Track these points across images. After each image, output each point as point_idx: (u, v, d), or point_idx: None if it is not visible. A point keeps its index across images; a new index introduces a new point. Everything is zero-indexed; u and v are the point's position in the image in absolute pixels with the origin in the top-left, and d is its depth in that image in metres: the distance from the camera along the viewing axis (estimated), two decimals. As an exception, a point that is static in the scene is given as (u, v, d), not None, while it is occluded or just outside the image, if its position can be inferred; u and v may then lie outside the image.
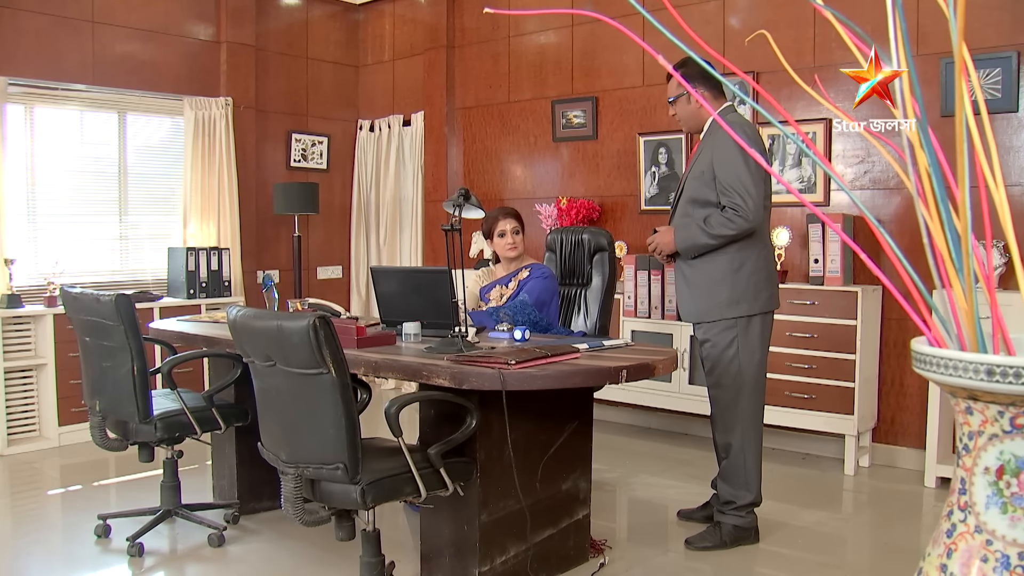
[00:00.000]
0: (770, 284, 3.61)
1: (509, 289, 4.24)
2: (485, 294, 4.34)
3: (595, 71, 6.11)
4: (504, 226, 4.23)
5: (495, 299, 4.26)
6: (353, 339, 3.32)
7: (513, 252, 4.25)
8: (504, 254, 4.27)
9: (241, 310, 2.83)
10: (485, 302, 4.32)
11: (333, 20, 7.46)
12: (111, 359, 3.50)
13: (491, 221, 4.27)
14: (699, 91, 3.58)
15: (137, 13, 6.12)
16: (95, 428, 3.69)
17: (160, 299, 5.94)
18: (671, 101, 3.74)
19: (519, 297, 4.07)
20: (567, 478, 3.38)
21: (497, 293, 4.29)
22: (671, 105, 3.75)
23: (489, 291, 4.31)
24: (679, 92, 3.67)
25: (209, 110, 6.43)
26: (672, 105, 3.75)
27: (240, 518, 3.99)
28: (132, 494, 4.45)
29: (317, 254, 7.37)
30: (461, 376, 2.80)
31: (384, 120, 7.36)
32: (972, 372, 1.44)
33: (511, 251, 4.25)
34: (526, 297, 4.02)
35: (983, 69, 4.43)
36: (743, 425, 3.59)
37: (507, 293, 4.23)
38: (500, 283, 4.30)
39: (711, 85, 3.62)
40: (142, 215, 6.31)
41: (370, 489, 2.66)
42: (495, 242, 4.28)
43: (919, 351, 1.56)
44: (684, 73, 3.52)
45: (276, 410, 2.80)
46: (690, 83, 3.53)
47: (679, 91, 3.67)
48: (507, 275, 4.29)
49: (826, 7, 1.38)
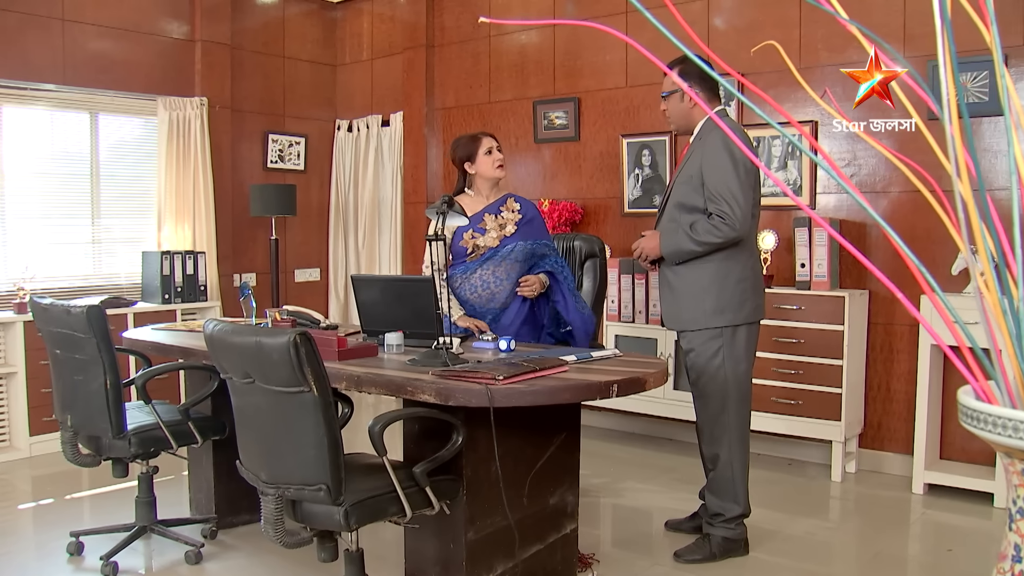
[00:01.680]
0: (756, 294, 3.54)
1: (507, 219, 3.89)
2: (472, 226, 3.84)
3: (577, 71, 6.03)
4: (490, 143, 3.89)
5: (493, 227, 3.85)
6: (334, 351, 3.22)
7: (502, 172, 3.92)
8: (493, 174, 3.88)
9: (218, 324, 2.73)
10: (475, 236, 3.84)
11: (310, 18, 7.33)
12: (83, 373, 3.38)
13: (471, 142, 3.90)
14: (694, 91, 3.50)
15: (108, 10, 5.97)
16: (66, 444, 3.57)
17: (134, 304, 5.80)
18: (664, 96, 3.64)
19: (544, 245, 3.92)
20: (554, 492, 3.30)
21: (495, 222, 3.87)
22: (663, 100, 3.66)
23: (479, 221, 3.86)
24: (673, 88, 3.58)
25: (183, 110, 6.29)
26: (664, 100, 3.65)
27: (218, 533, 3.89)
28: (106, 508, 4.32)
29: (295, 256, 7.24)
30: (447, 392, 2.71)
31: (362, 120, 7.25)
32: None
33: (501, 170, 3.90)
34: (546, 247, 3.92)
35: (970, 72, 4.39)
36: (730, 436, 3.53)
37: (508, 222, 3.88)
38: (489, 211, 3.90)
39: (707, 87, 3.53)
40: (115, 218, 6.16)
41: (354, 510, 2.57)
42: (480, 161, 3.87)
43: (968, 406, 1.41)
44: (681, 71, 3.45)
45: (255, 429, 2.71)
46: (686, 81, 3.47)
47: (674, 87, 3.57)
48: (494, 203, 3.92)
49: (851, 22, 1.30)
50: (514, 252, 3.86)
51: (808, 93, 4.90)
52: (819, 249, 4.69)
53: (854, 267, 4.86)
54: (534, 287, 3.85)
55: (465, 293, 3.88)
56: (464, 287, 3.88)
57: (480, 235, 3.85)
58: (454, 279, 3.89)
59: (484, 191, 3.93)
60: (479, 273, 3.85)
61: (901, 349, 4.74)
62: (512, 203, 3.95)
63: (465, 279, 3.87)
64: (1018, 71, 4.35)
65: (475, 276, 3.86)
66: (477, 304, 3.87)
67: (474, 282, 3.86)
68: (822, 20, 4.88)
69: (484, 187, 3.92)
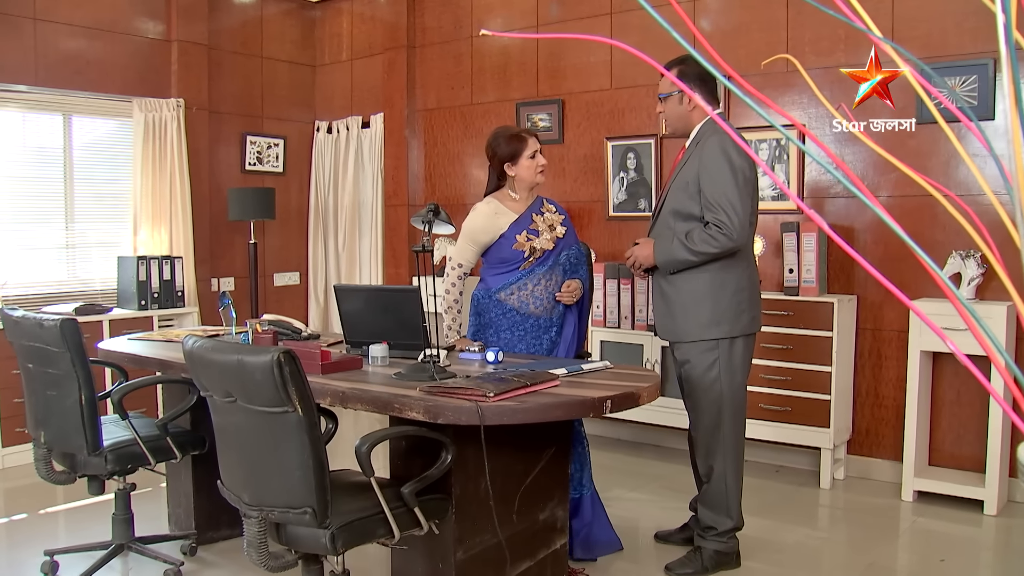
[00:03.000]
0: (753, 305, 3.46)
1: (552, 220, 3.63)
2: (524, 227, 3.55)
3: (561, 73, 5.96)
4: (535, 145, 3.58)
5: (544, 228, 3.58)
6: (317, 365, 3.13)
7: (543, 177, 3.63)
8: (535, 180, 3.59)
9: (198, 341, 2.63)
10: (530, 237, 3.54)
11: (289, 18, 7.21)
12: (57, 388, 3.27)
13: (515, 141, 3.55)
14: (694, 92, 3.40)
15: (82, 10, 5.83)
16: (40, 461, 3.45)
17: (110, 311, 5.66)
18: (661, 98, 3.52)
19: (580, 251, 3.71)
20: (544, 507, 3.23)
21: (544, 223, 3.59)
22: (660, 102, 3.54)
23: (529, 223, 3.57)
24: (672, 90, 3.47)
25: (159, 112, 6.16)
26: (661, 102, 3.53)
27: (198, 549, 3.79)
28: (82, 524, 4.20)
29: (274, 260, 7.12)
30: (436, 410, 2.63)
31: (342, 122, 7.13)
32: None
33: (543, 175, 3.62)
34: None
35: (959, 76, 4.35)
36: (724, 449, 3.45)
37: (555, 223, 3.62)
38: (533, 211, 3.62)
39: (707, 89, 3.43)
40: (90, 222, 6.02)
41: (340, 533, 2.49)
42: (521, 165, 3.55)
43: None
44: (680, 72, 3.36)
45: (237, 449, 2.61)
46: (685, 83, 3.38)
47: (672, 89, 3.46)
48: (533, 204, 3.65)
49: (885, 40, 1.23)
50: (567, 256, 3.64)
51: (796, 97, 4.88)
52: (807, 254, 4.65)
53: (842, 272, 4.82)
54: (575, 294, 3.61)
55: (529, 306, 3.55)
56: (528, 297, 3.56)
57: (535, 237, 3.56)
58: (507, 288, 3.56)
59: (520, 193, 3.63)
60: (543, 282, 3.57)
61: (889, 355, 4.71)
62: (548, 205, 3.70)
63: (524, 287, 3.56)
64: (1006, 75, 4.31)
65: (539, 284, 3.56)
66: (543, 316, 3.57)
67: (539, 292, 3.56)
68: (809, 22, 4.84)
69: (520, 189, 3.62)
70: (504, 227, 3.56)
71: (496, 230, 3.57)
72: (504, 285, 3.56)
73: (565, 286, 3.59)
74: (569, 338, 3.63)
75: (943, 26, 4.43)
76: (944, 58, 4.42)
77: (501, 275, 3.58)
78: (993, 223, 1.24)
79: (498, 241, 3.57)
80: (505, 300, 3.57)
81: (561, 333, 3.62)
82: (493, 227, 3.57)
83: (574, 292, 3.59)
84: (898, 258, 4.63)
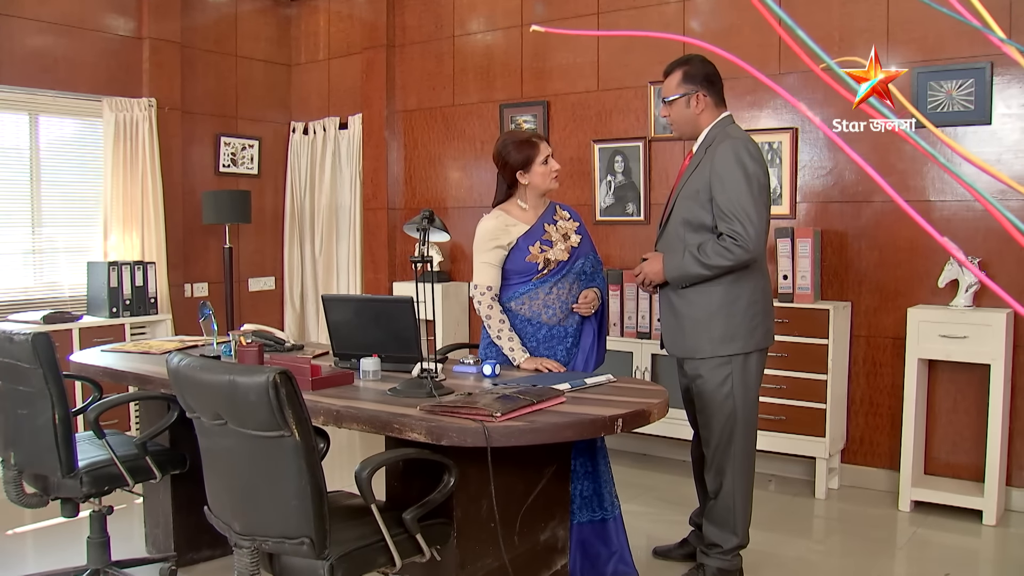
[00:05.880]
0: (767, 318, 3.33)
1: (566, 229, 3.44)
2: (537, 238, 3.37)
3: (546, 74, 5.83)
4: (547, 149, 3.39)
5: (558, 238, 3.39)
6: (308, 380, 2.98)
7: (557, 184, 3.44)
8: (549, 186, 3.40)
9: (184, 359, 2.47)
10: (543, 248, 3.35)
11: (264, 16, 7.01)
12: (28, 406, 3.08)
13: (527, 147, 3.36)
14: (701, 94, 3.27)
15: (49, 5, 5.60)
16: (9, 484, 3.25)
17: (80, 319, 5.44)
18: (667, 101, 3.36)
19: (596, 259, 3.53)
20: (545, 527, 3.09)
21: (557, 233, 3.40)
22: (665, 106, 3.38)
23: (541, 233, 3.38)
24: (679, 93, 3.30)
25: (131, 112, 5.94)
26: (667, 106, 3.36)
27: (178, 573, 3.60)
28: (54, 544, 4.00)
29: (249, 265, 6.92)
30: (439, 431, 2.49)
31: (319, 122, 6.95)
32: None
33: (556, 181, 3.43)
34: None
35: (956, 80, 4.29)
36: (734, 467, 3.32)
37: (568, 231, 3.44)
38: (545, 221, 3.43)
39: (715, 91, 3.29)
40: (58, 227, 5.79)
41: (339, 564, 2.34)
42: (535, 172, 3.35)
43: None
44: (686, 73, 3.24)
45: (227, 475, 2.45)
46: (691, 84, 3.26)
47: (679, 92, 3.30)
48: (545, 212, 3.45)
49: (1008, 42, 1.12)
50: (584, 265, 3.45)
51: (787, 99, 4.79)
52: (802, 260, 4.56)
53: (835, 278, 4.75)
54: (593, 304, 3.42)
55: (541, 316, 3.37)
56: (540, 307, 3.37)
57: (548, 247, 3.37)
58: (519, 299, 3.38)
59: (532, 201, 3.43)
60: (555, 291, 3.37)
61: (884, 363, 4.63)
62: (561, 211, 3.50)
63: (536, 297, 3.37)
64: (1002, 79, 4.26)
65: (551, 294, 3.37)
66: (556, 326, 3.39)
67: (551, 301, 3.37)
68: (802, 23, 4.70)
69: (532, 197, 3.41)
70: (514, 239, 3.37)
71: (507, 241, 3.37)
72: (515, 296, 3.39)
73: (582, 297, 3.39)
74: (588, 349, 3.45)
75: (939, 29, 4.36)
76: (941, 61, 4.36)
77: (512, 286, 3.39)
78: (989, 228, 1.14)
79: (509, 254, 3.37)
80: (517, 310, 3.39)
81: (579, 344, 3.45)
82: (505, 238, 3.36)
83: (591, 303, 3.40)
84: (893, 264, 4.57)
